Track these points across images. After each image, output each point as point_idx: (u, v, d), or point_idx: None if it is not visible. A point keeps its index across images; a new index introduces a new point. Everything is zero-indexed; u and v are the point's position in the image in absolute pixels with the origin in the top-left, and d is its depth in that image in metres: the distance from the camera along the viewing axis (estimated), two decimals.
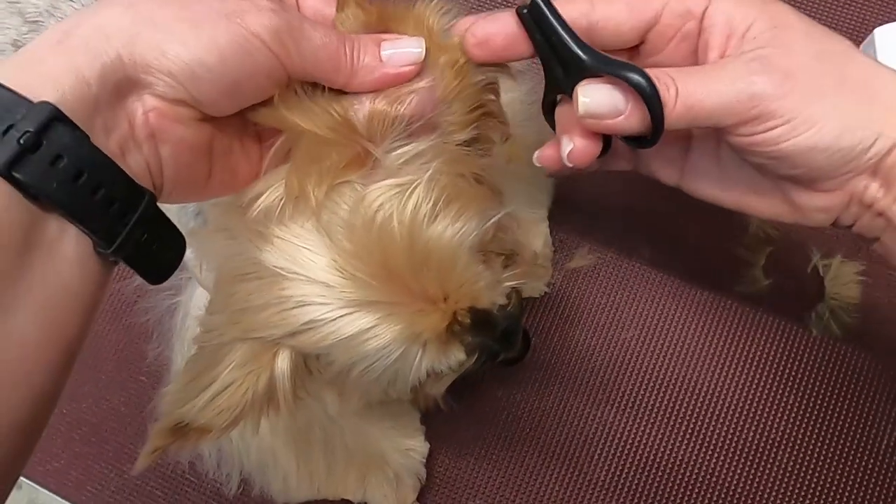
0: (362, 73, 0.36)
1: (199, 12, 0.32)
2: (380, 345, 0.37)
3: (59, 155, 0.29)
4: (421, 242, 0.36)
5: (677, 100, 0.37)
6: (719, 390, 0.65)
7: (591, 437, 0.65)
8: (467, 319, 0.39)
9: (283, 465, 0.56)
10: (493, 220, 0.39)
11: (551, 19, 0.38)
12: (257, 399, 0.38)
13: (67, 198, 0.29)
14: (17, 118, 0.28)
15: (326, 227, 0.36)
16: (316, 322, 0.36)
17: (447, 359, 0.40)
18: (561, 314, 0.68)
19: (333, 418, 0.56)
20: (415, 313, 0.37)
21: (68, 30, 0.31)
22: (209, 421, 0.37)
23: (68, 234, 0.30)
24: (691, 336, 0.67)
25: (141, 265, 0.34)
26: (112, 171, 0.31)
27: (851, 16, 0.74)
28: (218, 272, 0.40)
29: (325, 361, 0.39)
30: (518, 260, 0.44)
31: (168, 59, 0.31)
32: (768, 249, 0.67)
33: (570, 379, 0.67)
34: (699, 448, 0.64)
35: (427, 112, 0.38)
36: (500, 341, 0.42)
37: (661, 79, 0.37)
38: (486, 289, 0.39)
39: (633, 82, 0.36)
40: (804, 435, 0.63)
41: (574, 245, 0.70)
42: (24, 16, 0.52)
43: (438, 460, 0.65)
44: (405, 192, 0.36)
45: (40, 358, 0.30)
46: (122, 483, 0.70)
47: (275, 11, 0.33)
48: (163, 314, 0.64)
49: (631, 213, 0.71)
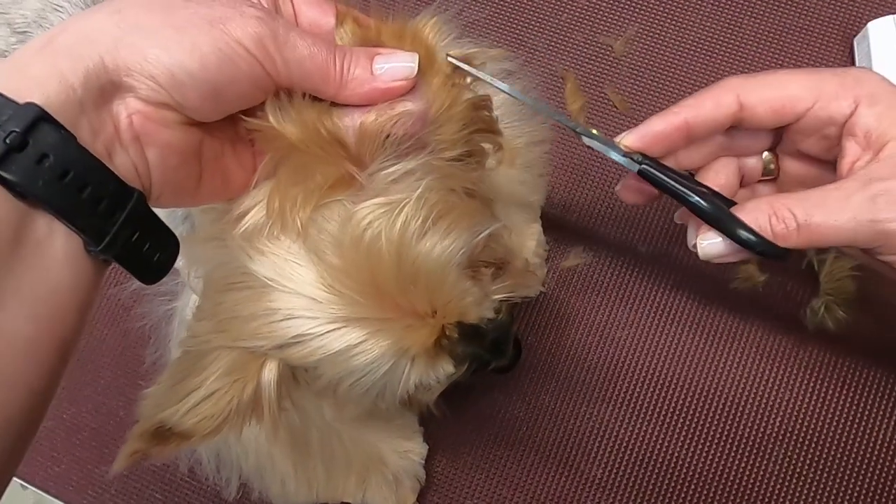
0: (352, 86, 0.36)
1: (184, 18, 0.32)
2: (368, 360, 0.37)
3: (45, 154, 0.29)
4: (409, 260, 0.36)
5: (798, 233, 0.40)
6: (714, 387, 0.65)
7: (587, 436, 0.65)
8: (455, 334, 0.39)
9: (281, 469, 0.56)
10: (482, 234, 0.39)
11: (665, 180, 0.42)
12: (241, 408, 0.38)
13: (54, 196, 0.29)
14: (2, 119, 0.28)
15: (314, 245, 0.36)
16: (304, 336, 0.36)
17: (435, 372, 0.40)
18: (556, 313, 0.68)
19: (330, 422, 0.56)
20: (403, 329, 0.37)
21: (53, 35, 0.31)
22: (191, 427, 0.37)
23: (57, 232, 0.30)
24: (687, 334, 0.67)
25: (132, 265, 0.34)
26: (98, 169, 0.31)
27: (845, 9, 0.74)
28: (206, 279, 0.40)
29: (314, 374, 0.39)
30: (509, 269, 0.44)
31: (150, 63, 0.31)
32: None
33: (566, 378, 0.67)
34: (695, 445, 0.64)
35: (419, 131, 0.38)
36: (490, 350, 0.42)
37: (780, 213, 0.40)
38: (474, 304, 0.40)
39: (746, 243, 0.41)
40: (799, 431, 0.63)
41: (569, 244, 0.70)
42: (12, 26, 0.52)
43: (435, 461, 0.66)
44: (394, 211, 0.36)
45: (32, 355, 0.30)
46: (122, 487, 0.70)
47: (260, 19, 0.33)
48: (160, 319, 0.64)
49: (626, 212, 0.71)
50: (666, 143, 0.43)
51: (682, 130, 0.43)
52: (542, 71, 0.75)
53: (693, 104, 0.43)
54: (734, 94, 0.43)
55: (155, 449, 0.37)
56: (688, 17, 0.76)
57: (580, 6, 0.78)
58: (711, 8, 0.76)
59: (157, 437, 0.37)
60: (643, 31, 0.76)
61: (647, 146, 0.43)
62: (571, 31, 0.77)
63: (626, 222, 0.70)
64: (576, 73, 0.75)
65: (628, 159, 0.42)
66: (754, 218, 0.41)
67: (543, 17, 0.78)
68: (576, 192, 0.72)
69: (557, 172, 0.72)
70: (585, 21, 0.78)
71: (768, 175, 0.48)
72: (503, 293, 0.42)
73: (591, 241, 0.70)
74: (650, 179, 0.43)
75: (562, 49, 0.77)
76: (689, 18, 0.76)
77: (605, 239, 0.70)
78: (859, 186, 0.40)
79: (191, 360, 0.39)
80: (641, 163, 0.42)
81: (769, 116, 0.43)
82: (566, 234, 0.71)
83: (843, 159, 0.42)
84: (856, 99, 0.41)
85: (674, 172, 0.43)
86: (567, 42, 0.77)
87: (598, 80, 0.75)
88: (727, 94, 0.43)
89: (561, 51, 0.77)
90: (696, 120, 0.43)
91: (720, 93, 0.43)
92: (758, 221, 0.40)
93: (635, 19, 0.77)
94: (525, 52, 0.77)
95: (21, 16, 0.52)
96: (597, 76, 0.75)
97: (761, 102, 0.43)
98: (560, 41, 0.77)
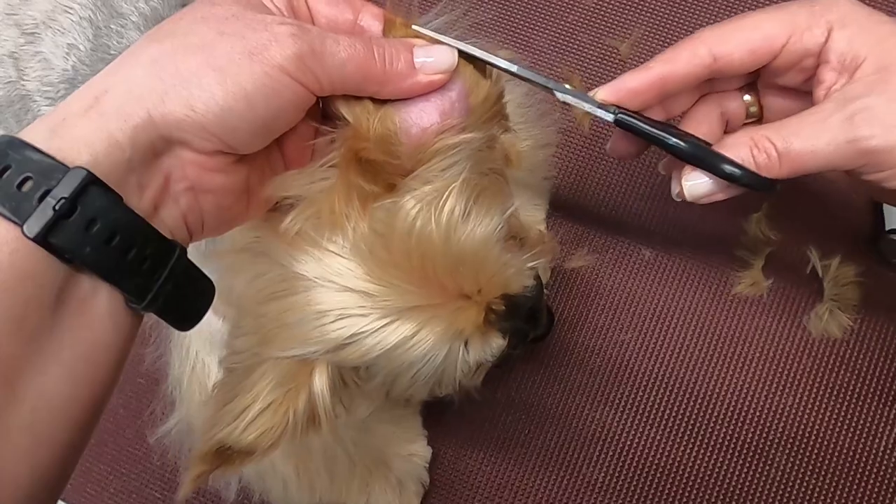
0: (395, 80, 0.36)
1: (223, 56, 0.32)
2: (426, 349, 0.37)
3: (94, 219, 0.29)
4: (457, 242, 0.37)
5: (780, 162, 0.40)
6: (717, 392, 0.65)
7: (590, 439, 0.65)
8: (502, 307, 0.39)
9: (283, 472, 0.55)
10: (512, 208, 0.40)
11: (641, 126, 0.41)
12: (298, 417, 0.38)
13: (101, 260, 0.30)
14: (52, 184, 0.28)
15: (362, 240, 0.36)
16: (358, 334, 0.36)
17: (490, 348, 0.40)
18: (560, 317, 0.68)
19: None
20: (454, 312, 0.37)
21: (99, 95, 0.31)
22: (252, 442, 0.37)
23: (101, 291, 0.30)
24: (690, 338, 0.67)
25: (171, 315, 0.34)
26: (144, 230, 0.31)
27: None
28: (241, 295, 0.40)
29: (367, 374, 0.39)
30: (530, 241, 0.44)
31: (198, 113, 0.31)
32: (768, 250, 0.67)
33: (569, 381, 0.67)
34: (697, 448, 0.64)
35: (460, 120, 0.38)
36: (527, 321, 0.43)
37: (761, 144, 0.40)
38: (516, 275, 0.40)
39: (731, 177, 0.40)
40: (801, 437, 0.63)
41: (573, 246, 0.70)
42: (21, 27, 0.52)
43: (439, 464, 0.66)
44: (441, 197, 0.36)
45: (68, 413, 0.30)
46: (121, 485, 0.70)
47: (294, 36, 0.33)
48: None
49: (631, 216, 0.70)
50: (641, 99, 0.42)
51: (656, 86, 0.42)
52: (548, 72, 0.75)
53: (667, 59, 0.43)
54: (707, 46, 0.42)
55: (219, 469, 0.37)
56: (694, 20, 0.76)
57: (586, 8, 0.78)
58: (718, 10, 0.76)
59: (219, 458, 0.37)
60: (649, 34, 0.76)
61: (620, 101, 0.42)
62: (577, 33, 0.77)
63: (631, 226, 0.70)
64: (581, 75, 0.75)
65: (603, 110, 0.42)
66: (736, 152, 0.40)
67: (549, 18, 0.78)
68: (580, 195, 0.72)
69: (562, 175, 0.72)
70: (591, 23, 0.77)
71: (752, 118, 0.47)
72: (534, 260, 0.43)
73: (596, 243, 0.70)
74: (627, 127, 0.42)
75: (567, 51, 0.77)
76: (696, 21, 0.76)
77: (609, 242, 0.70)
78: (836, 107, 0.39)
79: (238, 377, 0.38)
80: (617, 113, 0.42)
81: (746, 60, 0.42)
82: (570, 236, 0.70)
83: (818, 87, 0.42)
84: (828, 25, 0.41)
85: (650, 119, 0.42)
86: (573, 44, 0.77)
87: (604, 82, 0.74)
88: (700, 47, 0.42)
89: (566, 52, 0.77)
90: (671, 75, 0.42)
91: (694, 45, 0.42)
92: (740, 154, 0.40)
93: (641, 22, 0.77)
94: (530, 53, 0.77)
95: (30, 17, 0.51)
96: (602, 78, 0.75)
97: (737, 48, 0.42)
98: (566, 43, 0.77)
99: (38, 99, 0.52)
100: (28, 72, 0.52)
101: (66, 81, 0.52)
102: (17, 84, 0.53)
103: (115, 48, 0.52)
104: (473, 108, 0.38)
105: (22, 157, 0.29)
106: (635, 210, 0.70)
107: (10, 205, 0.28)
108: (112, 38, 0.51)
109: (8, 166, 0.29)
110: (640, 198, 0.70)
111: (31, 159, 0.29)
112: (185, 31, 0.33)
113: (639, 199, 0.70)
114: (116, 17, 0.52)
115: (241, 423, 0.37)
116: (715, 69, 0.42)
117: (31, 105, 0.53)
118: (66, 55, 0.51)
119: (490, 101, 0.39)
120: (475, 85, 0.38)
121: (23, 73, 0.52)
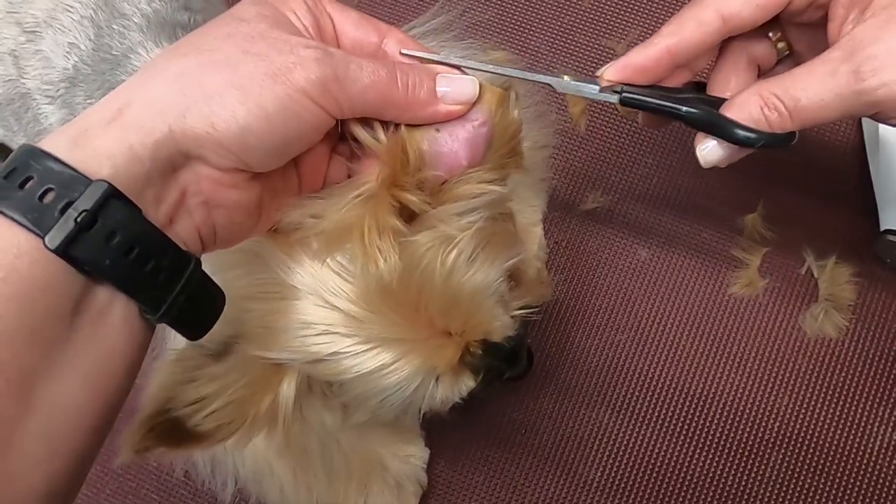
0: (416, 108, 0.36)
1: (247, 75, 0.32)
2: (398, 379, 0.37)
3: (114, 231, 0.29)
4: (456, 285, 0.37)
5: (792, 117, 0.39)
6: (713, 392, 0.65)
7: (586, 440, 0.65)
8: (479, 350, 0.40)
9: (279, 475, 0.55)
10: (516, 258, 0.40)
11: (648, 102, 0.41)
12: (259, 419, 0.38)
13: (119, 272, 0.30)
14: (74, 196, 0.29)
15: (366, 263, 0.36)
16: (339, 354, 0.37)
17: (458, 388, 0.41)
18: (556, 317, 0.69)
19: (330, 428, 0.55)
20: (433, 348, 0.38)
21: (121, 107, 0.31)
22: (206, 431, 0.37)
23: (117, 301, 0.31)
24: (686, 338, 0.67)
25: (183, 326, 0.34)
26: (161, 243, 0.31)
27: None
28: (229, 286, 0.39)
29: (338, 390, 0.39)
30: (523, 280, 0.44)
31: (218, 131, 0.31)
32: (763, 251, 0.67)
33: (565, 381, 0.67)
34: (693, 450, 0.64)
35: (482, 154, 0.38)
36: (506, 361, 0.43)
37: (770, 102, 0.39)
38: (501, 326, 0.41)
39: (747, 142, 0.40)
40: (797, 437, 0.63)
41: (586, 189, 0.69)
42: (22, 25, 0.51)
43: (436, 465, 0.66)
44: (453, 241, 0.37)
45: (82, 421, 0.30)
46: (118, 486, 0.69)
47: (318, 61, 0.33)
48: None
49: (628, 215, 0.71)
50: (649, 75, 0.42)
51: (664, 60, 0.42)
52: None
53: (673, 30, 0.42)
54: (713, 8, 0.41)
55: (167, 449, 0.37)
56: None
57: (583, 9, 0.78)
58: None
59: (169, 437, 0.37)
60: (645, 35, 0.76)
61: (628, 78, 0.42)
62: (574, 34, 0.77)
63: (627, 225, 0.70)
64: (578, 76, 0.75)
65: (606, 93, 0.41)
66: (748, 113, 0.40)
67: (546, 19, 0.78)
68: (577, 195, 0.72)
69: (559, 176, 0.72)
70: (588, 24, 0.78)
71: (782, 54, 0.46)
72: (522, 306, 0.43)
73: (592, 243, 0.70)
74: (634, 105, 0.42)
75: (564, 51, 0.77)
76: None
77: (605, 242, 0.70)
78: (843, 57, 0.39)
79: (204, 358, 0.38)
80: (622, 92, 0.41)
81: (757, 14, 0.41)
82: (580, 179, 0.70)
83: (831, 23, 0.41)
84: None
85: (657, 89, 0.42)
86: (569, 45, 0.77)
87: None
88: (706, 11, 0.41)
89: (563, 53, 0.77)
90: (679, 46, 0.42)
91: (698, 10, 0.42)
92: (752, 116, 0.40)
93: (638, 23, 0.77)
94: (527, 54, 0.77)
95: (31, 15, 0.51)
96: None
97: (745, 4, 0.41)
98: (562, 44, 0.77)
99: (38, 97, 0.52)
100: (28, 70, 0.52)
101: (67, 80, 0.51)
102: (17, 82, 0.53)
103: (117, 48, 0.52)
104: (495, 139, 0.38)
105: (43, 168, 0.29)
106: (632, 211, 0.71)
107: (32, 216, 0.28)
108: (114, 38, 0.51)
109: (30, 177, 0.29)
110: (637, 199, 0.71)
111: (52, 170, 0.29)
112: (211, 48, 0.33)
113: (636, 200, 0.71)
114: (119, 18, 0.51)
115: (200, 410, 0.37)
116: (726, 31, 0.42)
117: (30, 103, 0.53)
118: (66, 54, 0.51)
119: (509, 133, 0.39)
120: (498, 116, 0.38)
121: (23, 71, 0.52)
